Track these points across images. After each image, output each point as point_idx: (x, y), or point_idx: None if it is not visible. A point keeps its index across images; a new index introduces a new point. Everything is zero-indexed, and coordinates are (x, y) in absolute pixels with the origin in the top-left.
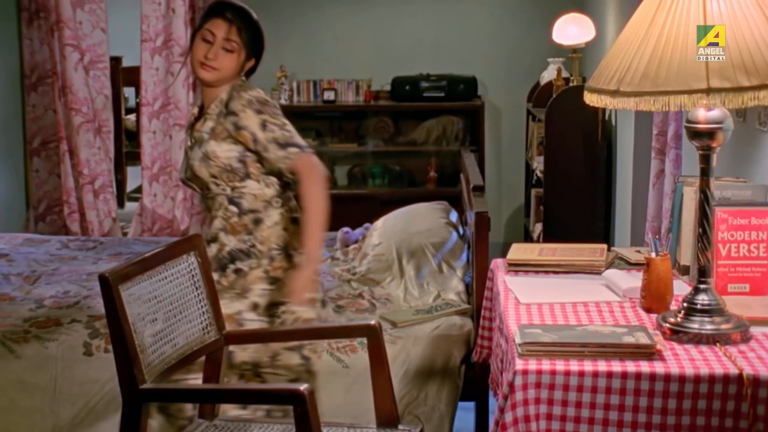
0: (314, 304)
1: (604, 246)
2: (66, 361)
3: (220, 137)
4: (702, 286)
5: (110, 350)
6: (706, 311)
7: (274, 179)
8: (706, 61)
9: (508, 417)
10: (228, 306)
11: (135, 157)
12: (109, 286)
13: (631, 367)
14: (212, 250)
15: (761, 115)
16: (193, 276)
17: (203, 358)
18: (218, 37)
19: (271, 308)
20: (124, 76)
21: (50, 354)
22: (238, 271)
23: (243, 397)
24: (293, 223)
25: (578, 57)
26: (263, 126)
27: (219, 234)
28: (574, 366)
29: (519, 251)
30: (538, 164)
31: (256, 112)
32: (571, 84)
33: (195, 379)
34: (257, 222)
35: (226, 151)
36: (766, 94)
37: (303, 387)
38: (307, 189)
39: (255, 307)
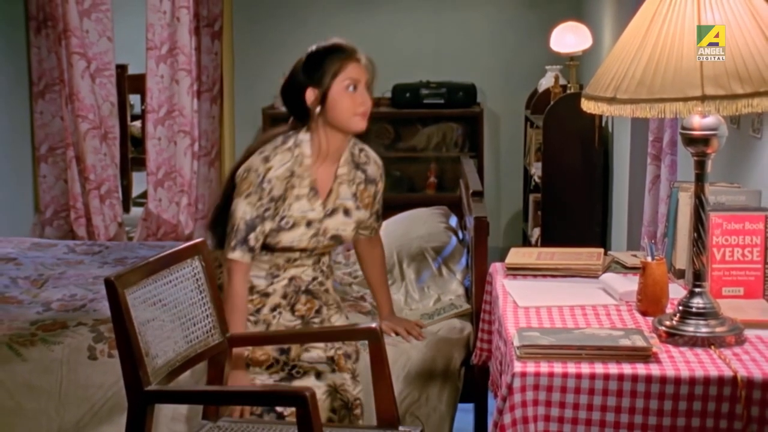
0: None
1: (601, 250)
2: (71, 365)
3: (363, 204)
4: (697, 290)
5: (114, 354)
6: (701, 314)
7: None
8: (700, 69)
9: (507, 418)
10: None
11: (140, 163)
12: (114, 289)
13: (627, 369)
14: (328, 285)
15: (755, 122)
16: (197, 280)
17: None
18: (361, 81)
19: None
20: (129, 83)
21: (56, 357)
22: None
23: (247, 399)
24: None
25: (575, 65)
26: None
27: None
28: (571, 368)
29: (517, 255)
30: (536, 170)
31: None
32: (568, 91)
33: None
34: None
35: None
36: (759, 102)
37: (305, 389)
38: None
39: None
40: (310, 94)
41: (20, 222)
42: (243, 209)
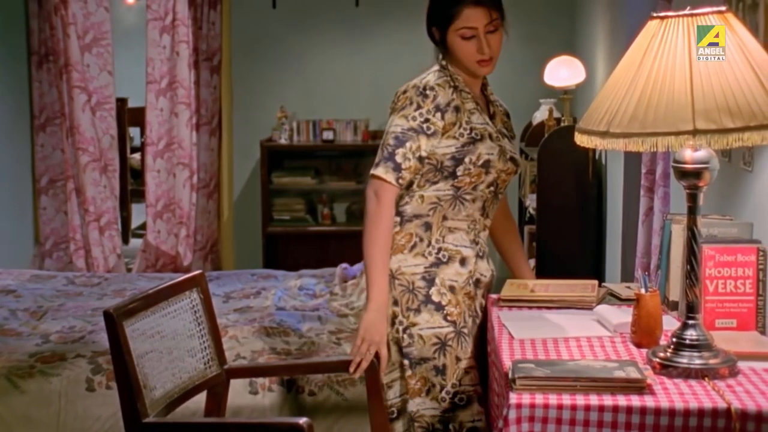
0: None
1: (595, 282)
2: (69, 397)
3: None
4: (690, 322)
5: (112, 386)
6: (695, 346)
7: None
8: (692, 104)
9: None
10: None
11: (140, 195)
12: (113, 322)
13: (622, 401)
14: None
15: (746, 156)
16: (195, 312)
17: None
18: (479, 28)
19: None
20: (129, 116)
21: (54, 389)
22: None
23: (245, 431)
24: None
25: (569, 98)
26: None
27: None
28: (566, 400)
29: (512, 288)
30: (531, 202)
31: None
32: (562, 124)
33: None
34: None
35: None
36: (749, 136)
37: (302, 421)
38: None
39: None
40: (435, 34)
41: (20, 254)
42: (395, 123)
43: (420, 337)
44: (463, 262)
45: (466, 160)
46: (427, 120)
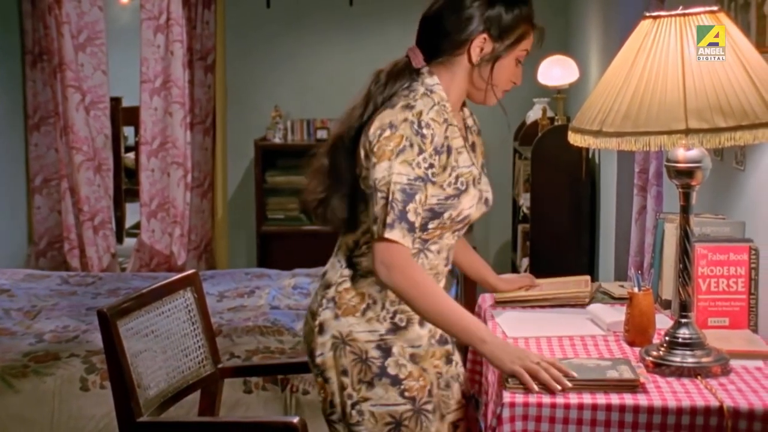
0: None
1: (588, 277)
2: (63, 396)
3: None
4: (683, 320)
5: (106, 386)
6: (688, 345)
7: None
8: (684, 103)
9: None
10: None
11: (134, 194)
12: (107, 321)
13: (615, 399)
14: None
15: (738, 155)
16: (189, 311)
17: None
18: (528, 52)
19: None
20: (123, 115)
21: (48, 389)
22: None
23: (239, 430)
24: None
25: (562, 97)
26: None
27: None
28: (559, 399)
29: None
30: (525, 201)
31: None
32: (555, 123)
33: None
34: None
35: None
36: (741, 135)
37: (296, 420)
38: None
39: None
40: (481, 44)
41: (14, 253)
42: (397, 171)
43: (371, 414)
44: (422, 321)
45: (446, 215)
46: (431, 165)
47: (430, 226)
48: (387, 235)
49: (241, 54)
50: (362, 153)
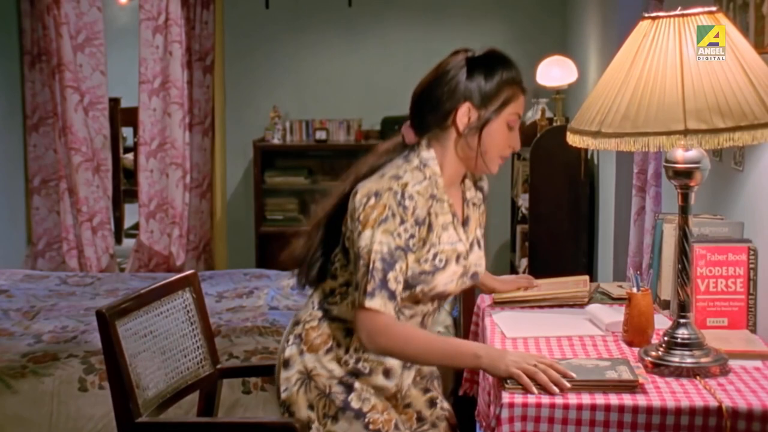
0: None
1: (586, 277)
2: (62, 397)
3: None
4: (682, 321)
5: (104, 386)
6: (686, 345)
7: None
8: (683, 104)
9: None
10: None
11: (132, 195)
12: (105, 321)
13: (614, 400)
14: None
15: (736, 155)
16: (188, 311)
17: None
18: (521, 117)
19: None
20: (122, 116)
21: (46, 389)
22: None
23: (238, 431)
24: None
25: (561, 98)
26: None
27: None
28: (558, 399)
29: None
30: (524, 201)
31: None
32: (554, 124)
33: None
34: None
35: None
36: (740, 136)
37: (296, 422)
38: None
39: None
40: (466, 113)
41: (13, 254)
42: (378, 240)
43: None
44: (387, 373)
45: (418, 288)
46: (412, 236)
47: (403, 295)
48: (368, 304)
49: (239, 54)
50: (348, 216)
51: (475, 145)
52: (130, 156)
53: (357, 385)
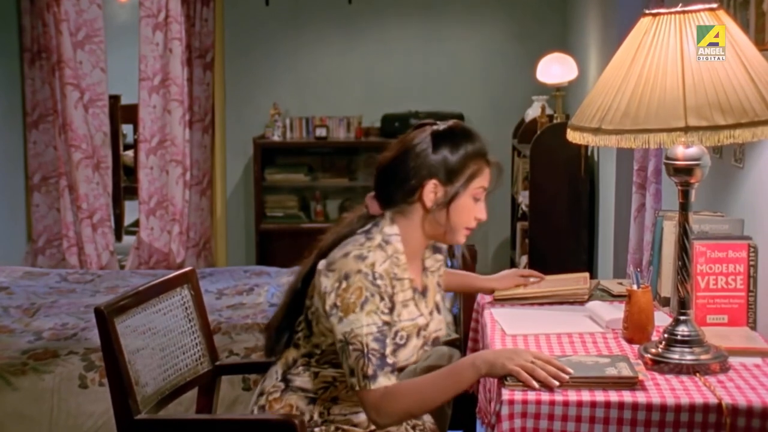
0: None
1: (587, 274)
2: (62, 393)
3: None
4: (682, 318)
5: (105, 383)
6: (686, 342)
7: None
8: (684, 101)
9: None
10: None
11: (132, 192)
12: (104, 318)
13: (614, 396)
14: None
15: (737, 152)
16: (186, 308)
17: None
18: (486, 189)
19: None
20: (122, 113)
21: (46, 386)
22: None
23: (237, 428)
24: None
25: (561, 95)
26: None
27: None
28: (558, 396)
29: None
30: (524, 198)
31: None
32: (554, 121)
33: None
34: None
35: None
36: (741, 133)
37: (295, 417)
38: None
39: None
40: (433, 189)
41: (13, 251)
42: (366, 323)
43: None
44: (355, 425)
45: None
46: (390, 311)
47: None
48: (373, 387)
49: (240, 52)
50: (316, 294)
51: (444, 221)
52: (130, 153)
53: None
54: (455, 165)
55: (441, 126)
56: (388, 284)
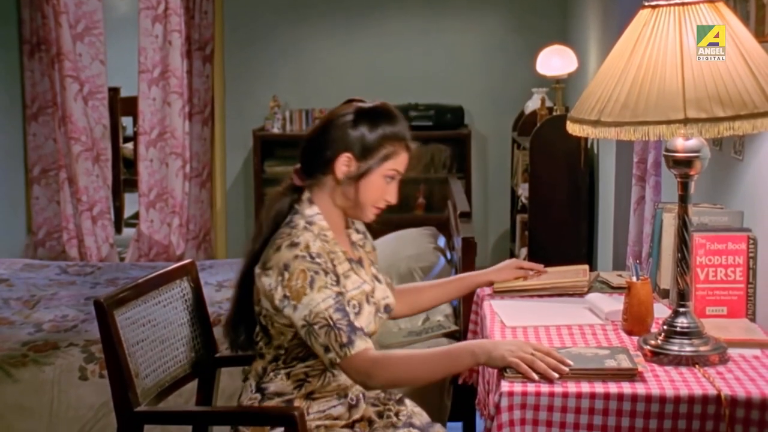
0: None
1: (586, 266)
2: (62, 385)
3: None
4: (681, 309)
5: (105, 375)
6: (686, 334)
7: None
8: (683, 93)
9: None
10: None
11: (132, 185)
12: (104, 311)
13: (613, 388)
14: None
15: (736, 144)
16: (186, 300)
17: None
18: (401, 175)
19: None
20: (122, 106)
21: (47, 378)
22: None
23: (236, 419)
24: None
25: (561, 87)
26: None
27: None
28: (558, 388)
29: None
30: (523, 191)
31: None
32: (554, 113)
33: None
34: None
35: None
36: (740, 125)
37: (295, 409)
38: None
39: None
40: (346, 162)
41: (12, 243)
42: (320, 299)
43: None
44: (336, 418)
45: None
46: (337, 282)
47: None
48: (353, 352)
49: (239, 44)
50: (262, 296)
51: (352, 195)
52: (129, 145)
53: None
54: (371, 143)
55: (367, 104)
56: (327, 260)
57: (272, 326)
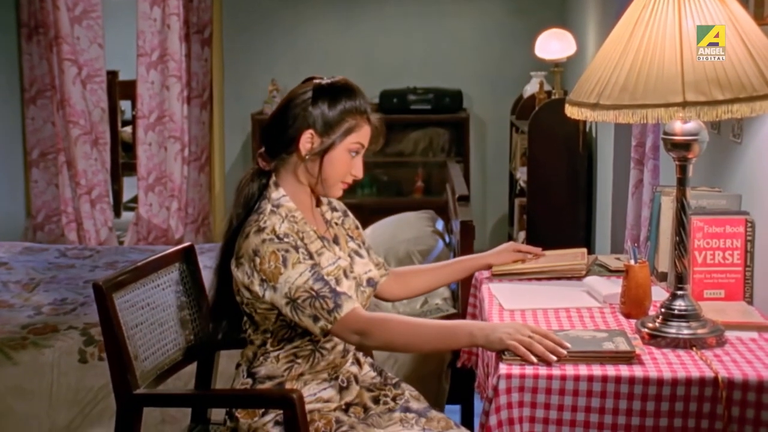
0: None
1: (584, 250)
2: (62, 368)
3: (360, 240)
4: (679, 292)
5: (104, 358)
6: (683, 316)
7: None
8: (682, 76)
9: (493, 420)
10: None
11: (131, 168)
12: (102, 294)
13: (611, 371)
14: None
15: (735, 128)
16: (185, 284)
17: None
18: (364, 148)
19: None
20: (120, 89)
21: (46, 360)
22: None
23: (235, 402)
24: None
25: (560, 71)
26: None
27: None
28: (556, 370)
29: None
30: (522, 174)
31: None
32: (553, 97)
33: None
34: None
35: None
36: (738, 108)
37: (293, 392)
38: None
39: None
40: (309, 139)
41: (12, 226)
42: (296, 275)
43: None
44: (327, 401)
45: None
46: (310, 255)
47: None
48: (343, 313)
49: (238, 27)
50: (240, 286)
51: (316, 171)
52: (128, 129)
53: None
54: (332, 118)
55: (325, 80)
56: (296, 238)
57: (256, 313)
